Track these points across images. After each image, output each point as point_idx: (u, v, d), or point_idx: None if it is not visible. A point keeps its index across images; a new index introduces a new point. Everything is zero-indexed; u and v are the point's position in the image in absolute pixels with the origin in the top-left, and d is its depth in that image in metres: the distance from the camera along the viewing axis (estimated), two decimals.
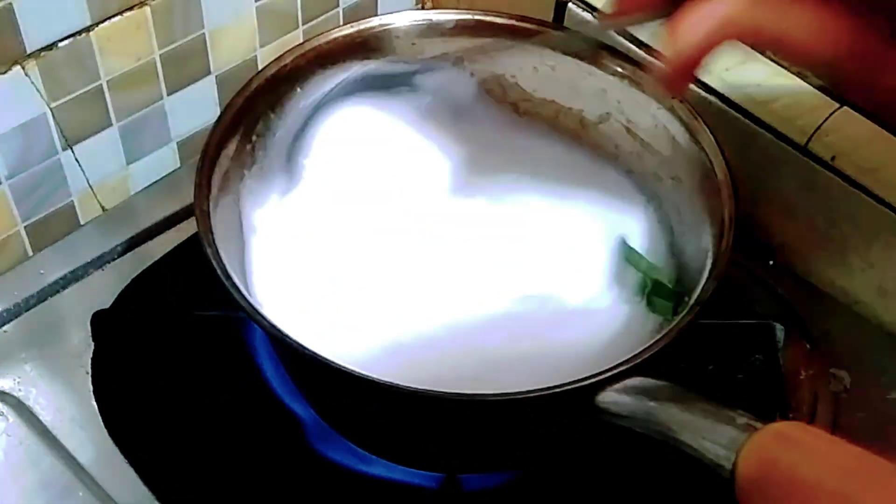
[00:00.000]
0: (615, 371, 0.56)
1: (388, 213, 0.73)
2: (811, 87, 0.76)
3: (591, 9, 0.82)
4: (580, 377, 0.56)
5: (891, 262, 0.75)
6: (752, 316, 0.77)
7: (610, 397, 0.56)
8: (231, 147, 0.67)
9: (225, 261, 0.61)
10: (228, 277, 0.59)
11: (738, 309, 0.76)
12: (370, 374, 0.56)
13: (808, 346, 0.76)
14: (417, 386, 0.55)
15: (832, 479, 0.44)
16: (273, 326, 0.57)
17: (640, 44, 0.79)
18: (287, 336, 0.57)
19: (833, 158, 0.74)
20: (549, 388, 0.55)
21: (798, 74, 0.76)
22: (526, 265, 0.70)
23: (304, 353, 0.56)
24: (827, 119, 0.75)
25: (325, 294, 0.68)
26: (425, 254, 0.71)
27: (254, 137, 0.70)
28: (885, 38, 0.52)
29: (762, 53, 0.77)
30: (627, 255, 0.71)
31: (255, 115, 0.69)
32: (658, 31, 0.60)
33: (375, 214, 0.73)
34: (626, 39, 0.79)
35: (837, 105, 0.75)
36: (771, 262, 0.81)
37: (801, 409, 0.73)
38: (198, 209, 0.62)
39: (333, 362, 0.56)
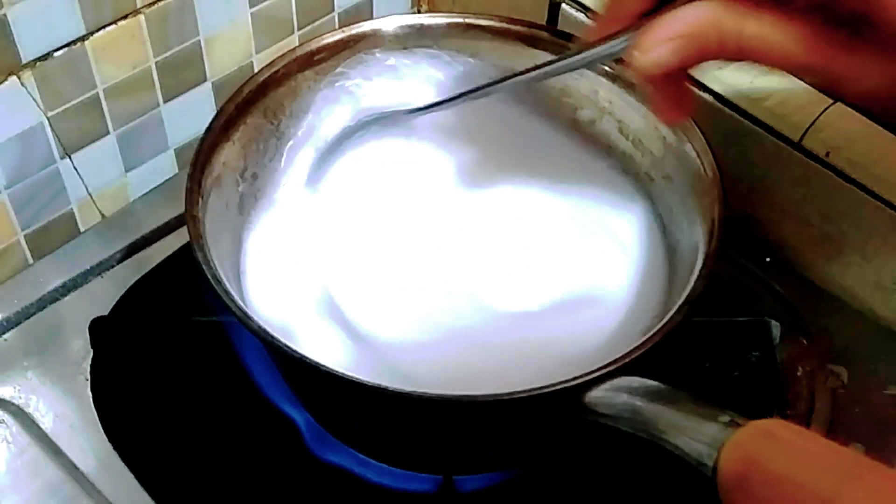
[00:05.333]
0: (603, 371, 0.56)
1: (384, 216, 0.73)
2: (804, 84, 0.76)
3: (585, 9, 0.82)
4: (569, 377, 0.56)
5: (887, 258, 0.75)
6: (748, 313, 0.76)
7: (598, 397, 0.56)
8: (223, 153, 0.68)
9: (217, 266, 0.61)
10: (219, 283, 0.60)
11: (734, 306, 0.76)
12: (359, 377, 0.56)
13: (804, 342, 0.76)
14: (404, 388, 0.55)
15: (811, 475, 0.44)
16: (263, 330, 0.58)
17: None
18: (277, 340, 0.57)
19: (827, 154, 0.74)
20: (537, 389, 0.56)
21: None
22: (518, 265, 0.70)
23: (294, 356, 0.57)
24: (821, 115, 0.75)
25: (320, 298, 0.68)
26: (421, 257, 0.71)
27: (246, 143, 0.70)
28: (843, 46, 0.52)
29: None
30: None
31: (247, 120, 0.70)
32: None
33: (371, 217, 0.73)
34: None
35: (831, 101, 0.75)
36: (767, 259, 0.81)
37: (799, 406, 0.73)
38: (189, 216, 0.62)
39: (322, 365, 0.56)
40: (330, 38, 0.73)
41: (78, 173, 0.79)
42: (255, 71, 0.74)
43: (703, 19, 0.54)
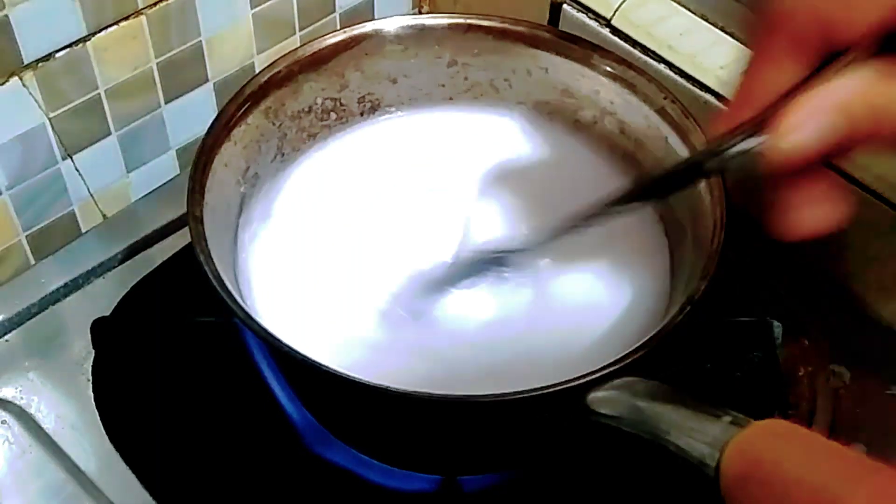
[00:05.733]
0: (605, 371, 0.56)
1: (383, 216, 0.73)
2: None
3: (586, 9, 0.82)
4: (570, 377, 0.56)
5: (889, 258, 0.75)
6: (750, 313, 0.76)
7: (600, 397, 0.56)
8: (225, 153, 0.68)
9: (219, 267, 0.61)
10: (221, 283, 0.60)
11: (736, 306, 0.76)
12: (361, 377, 0.56)
13: (806, 342, 0.76)
14: (406, 388, 0.55)
15: (813, 476, 0.44)
16: (264, 330, 0.58)
17: (633, 43, 0.79)
18: (278, 340, 0.57)
19: None
20: (538, 389, 0.55)
21: None
22: (520, 266, 0.70)
23: (296, 356, 0.57)
24: None
25: (323, 298, 0.68)
26: (421, 258, 0.71)
27: (248, 143, 0.70)
28: None
29: None
30: None
31: (248, 121, 0.70)
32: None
33: (371, 217, 0.73)
34: (620, 38, 0.79)
35: None
36: (768, 259, 0.81)
37: (801, 406, 0.73)
38: (190, 216, 0.62)
39: (323, 365, 0.56)
40: (331, 39, 0.73)
41: (79, 174, 0.79)
42: (257, 71, 0.75)
43: (854, 93, 0.46)
